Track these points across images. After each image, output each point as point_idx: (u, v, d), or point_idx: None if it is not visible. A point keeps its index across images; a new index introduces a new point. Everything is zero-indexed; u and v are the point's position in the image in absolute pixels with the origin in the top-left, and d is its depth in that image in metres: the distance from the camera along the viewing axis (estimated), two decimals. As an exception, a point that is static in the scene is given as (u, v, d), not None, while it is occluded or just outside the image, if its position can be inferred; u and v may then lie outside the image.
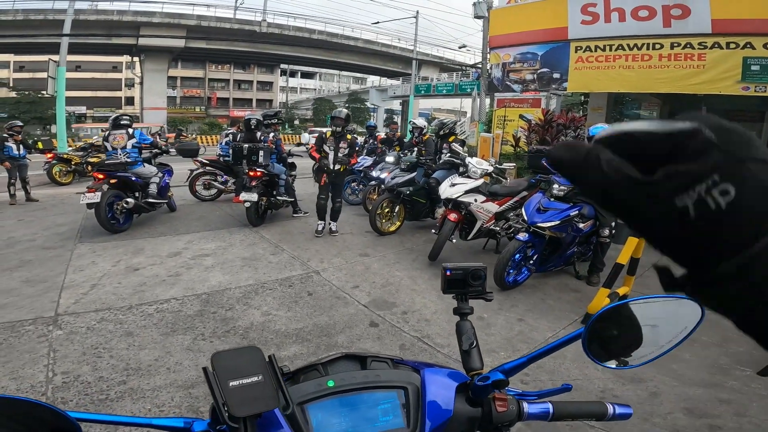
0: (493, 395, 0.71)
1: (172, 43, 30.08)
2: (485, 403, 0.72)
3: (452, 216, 4.38)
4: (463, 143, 6.04)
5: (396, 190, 5.47)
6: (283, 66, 49.03)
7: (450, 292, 0.86)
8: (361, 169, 7.41)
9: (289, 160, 7.16)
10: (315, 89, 57.89)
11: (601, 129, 3.11)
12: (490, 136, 9.09)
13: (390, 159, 6.62)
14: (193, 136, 28.54)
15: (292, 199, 6.51)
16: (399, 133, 8.94)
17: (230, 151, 6.36)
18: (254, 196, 5.65)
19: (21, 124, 8.16)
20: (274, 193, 6.24)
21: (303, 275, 4.19)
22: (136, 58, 34.21)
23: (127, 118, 6.09)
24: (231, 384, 0.59)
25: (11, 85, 37.48)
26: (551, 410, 0.74)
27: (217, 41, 31.60)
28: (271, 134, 6.60)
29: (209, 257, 4.61)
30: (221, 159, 7.64)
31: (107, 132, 6.13)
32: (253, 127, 6.36)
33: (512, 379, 0.74)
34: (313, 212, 5.92)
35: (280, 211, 6.64)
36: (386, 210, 5.60)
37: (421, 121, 7.57)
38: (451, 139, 5.88)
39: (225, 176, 7.63)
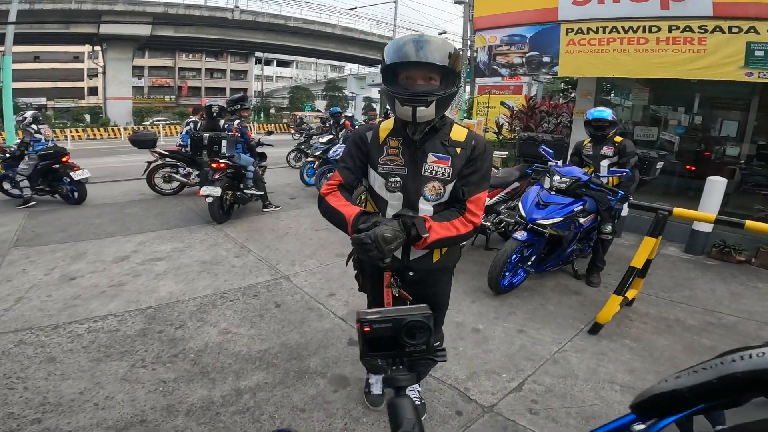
0: None
1: (137, 31, 28.54)
2: None
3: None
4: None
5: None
6: (258, 54, 47.53)
7: (374, 355, 0.60)
8: (337, 158, 6.88)
9: (259, 150, 6.55)
10: (291, 77, 56.56)
11: (599, 112, 2.75)
12: (473, 122, 8.67)
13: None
14: (150, 125, 27.25)
15: (262, 193, 5.93)
16: (377, 120, 8.43)
17: (189, 141, 5.73)
18: (217, 191, 5.06)
19: None
20: (241, 186, 5.66)
21: (271, 282, 3.66)
22: (98, 48, 32.29)
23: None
24: None
25: None
26: None
27: (186, 28, 30.13)
28: (236, 121, 5.98)
29: (162, 261, 4.02)
30: (182, 149, 6.96)
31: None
32: (214, 114, 5.73)
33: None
34: (287, 208, 5.37)
35: (248, 205, 6.05)
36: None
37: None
38: None
39: (187, 168, 6.97)
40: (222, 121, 5.86)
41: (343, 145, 6.86)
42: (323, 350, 2.68)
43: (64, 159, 6.52)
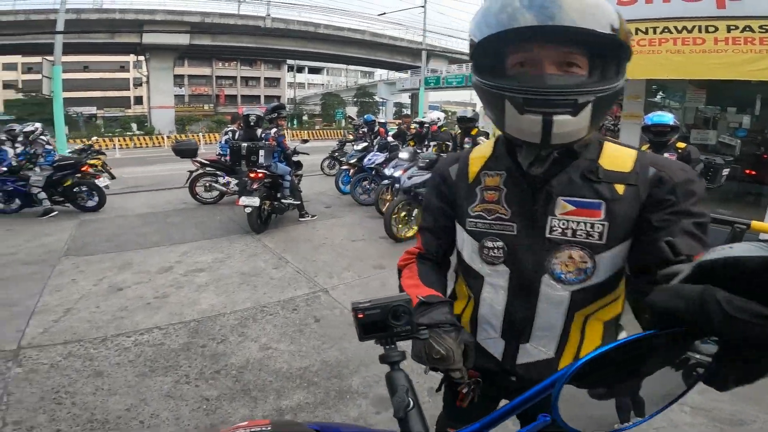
0: None
1: (177, 40, 29.76)
2: None
3: None
4: (487, 135, 5.43)
5: (413, 192, 4.88)
6: (289, 61, 48.68)
7: (369, 338, 0.71)
8: (372, 166, 6.84)
9: (295, 159, 6.60)
10: (322, 84, 57.56)
11: (660, 116, 2.07)
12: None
13: (404, 155, 6.02)
14: (192, 135, 28.31)
15: (299, 202, 5.96)
16: (413, 127, 8.35)
17: (228, 151, 5.84)
18: (256, 201, 5.11)
19: (19, 129, 7.74)
20: (278, 195, 5.70)
21: (309, 295, 3.63)
22: (141, 57, 33.98)
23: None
24: None
25: (20, 86, 37.65)
26: None
27: (222, 37, 31.23)
28: (273, 130, 6.04)
29: (204, 273, 4.07)
30: (221, 158, 7.12)
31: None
32: (252, 123, 5.81)
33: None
34: (323, 216, 5.36)
35: (285, 214, 6.09)
36: (403, 214, 5.01)
37: (436, 114, 7.02)
38: (473, 132, 5.27)
39: (226, 177, 7.12)
40: (259, 130, 5.93)
41: (379, 153, 6.82)
42: (364, 369, 2.59)
43: (83, 168, 6.85)
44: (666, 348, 0.48)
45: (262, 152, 5.34)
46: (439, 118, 6.89)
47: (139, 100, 43.07)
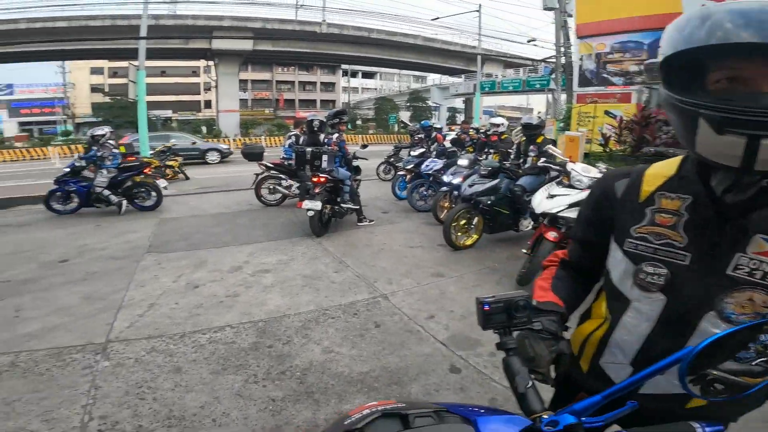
0: None
1: (241, 45, 31.64)
2: None
3: (551, 235, 3.63)
4: (554, 143, 5.18)
5: (474, 200, 4.79)
6: (344, 66, 49.84)
7: (491, 327, 0.81)
8: (429, 172, 6.80)
9: (354, 163, 6.74)
10: (376, 89, 58.36)
11: None
12: (578, 135, 8.02)
13: (463, 162, 5.93)
14: (256, 138, 29.75)
15: (357, 207, 6.07)
16: (472, 133, 8.20)
17: (293, 155, 6.06)
18: (318, 205, 5.27)
19: (103, 132, 8.54)
20: (339, 200, 5.84)
21: (369, 300, 3.68)
22: (211, 62, 36.32)
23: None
24: None
25: (106, 90, 41.55)
26: None
27: (281, 42, 32.76)
28: (335, 135, 6.20)
29: (269, 274, 4.26)
30: (285, 162, 7.43)
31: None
32: (315, 128, 6.00)
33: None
34: (381, 222, 5.41)
35: (343, 219, 6.23)
36: (462, 222, 4.94)
37: (498, 120, 6.84)
38: (539, 140, 5.06)
39: (289, 180, 7.41)
40: (322, 135, 6.11)
41: (437, 160, 6.77)
42: (424, 376, 2.59)
43: (146, 171, 7.40)
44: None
45: (325, 157, 5.50)
46: (502, 124, 6.70)
47: (208, 104, 46.10)
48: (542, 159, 4.56)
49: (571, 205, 3.58)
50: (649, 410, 0.84)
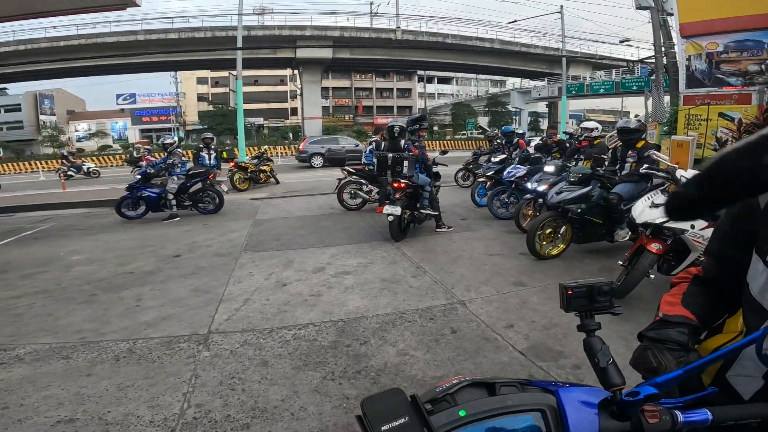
0: (642, 408, 0.67)
1: (322, 54, 33.54)
2: (633, 416, 0.68)
3: (654, 247, 3.31)
4: (659, 148, 4.70)
5: (563, 208, 4.52)
6: (420, 72, 50.05)
7: (573, 310, 0.84)
8: (512, 179, 6.56)
9: (434, 169, 6.74)
10: (452, 94, 57.81)
11: None
12: (687, 139, 7.21)
13: (550, 169, 5.63)
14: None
15: (436, 213, 6.06)
16: (557, 138, 7.76)
17: (374, 161, 6.24)
18: (398, 210, 5.37)
19: (211, 136, 9.57)
20: (418, 205, 5.88)
21: (446, 306, 3.66)
22: (296, 71, 38.75)
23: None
24: (383, 428, 0.61)
25: (210, 99, 46.16)
26: (710, 416, 0.68)
27: (358, 50, 34.08)
28: (416, 141, 6.26)
29: (350, 275, 4.44)
30: (366, 168, 7.68)
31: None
32: (396, 134, 6.11)
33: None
34: (459, 229, 5.34)
35: (422, 225, 6.26)
36: (548, 231, 4.69)
37: (591, 124, 6.41)
38: (639, 145, 4.61)
39: (369, 185, 7.64)
40: (402, 141, 6.20)
41: (519, 166, 6.52)
42: (498, 386, 2.51)
43: (211, 177, 8.01)
44: None
45: (406, 163, 5.58)
46: (596, 128, 6.26)
47: (294, 112, 49.31)
48: (644, 165, 4.16)
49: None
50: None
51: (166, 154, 7.98)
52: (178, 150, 8.10)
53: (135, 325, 3.46)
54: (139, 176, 7.90)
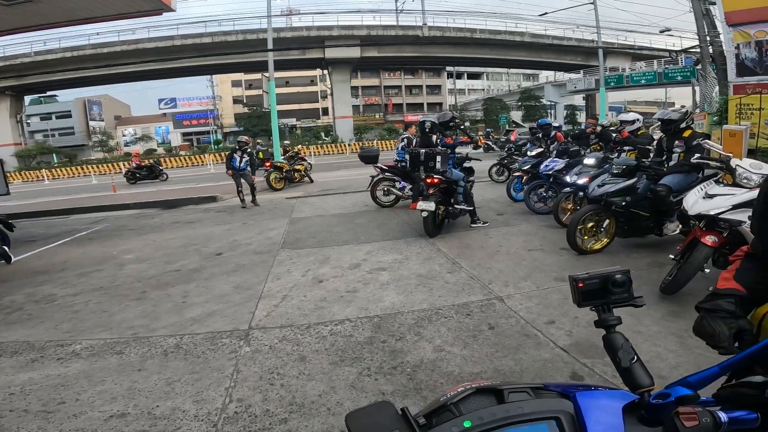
0: (675, 410, 0.61)
1: (350, 53, 33.87)
2: (666, 420, 0.61)
3: (709, 239, 3.13)
4: (708, 137, 4.41)
5: (606, 201, 4.34)
6: (449, 68, 49.34)
7: (587, 304, 0.79)
8: (549, 173, 6.36)
9: (467, 165, 6.64)
10: (483, 89, 56.69)
11: None
12: (740, 129, 6.78)
13: (590, 161, 5.42)
14: (368, 142, 31.23)
15: (471, 208, 5.97)
16: (598, 129, 7.45)
17: (406, 157, 6.22)
18: (431, 205, 5.33)
19: (246, 140, 9.84)
20: (452, 201, 5.82)
21: (483, 302, 3.60)
22: (325, 71, 39.21)
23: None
24: None
25: (245, 101, 47.45)
26: (757, 415, 0.62)
27: (386, 48, 34.16)
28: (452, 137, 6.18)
29: (385, 272, 4.45)
30: (398, 164, 7.67)
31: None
32: (427, 130, 6.06)
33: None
34: (495, 225, 5.24)
35: (457, 220, 6.18)
36: (590, 224, 4.51)
37: (631, 116, 6.15)
38: (686, 134, 4.35)
39: (402, 182, 7.63)
40: (434, 137, 6.15)
41: (557, 159, 6.32)
42: (540, 381, 2.43)
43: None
44: None
45: (438, 158, 5.53)
46: (637, 120, 5.99)
47: (325, 111, 49.99)
48: (695, 155, 3.92)
49: (736, 206, 3.03)
50: None
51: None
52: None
53: (182, 320, 3.62)
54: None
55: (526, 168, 7.07)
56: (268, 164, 12.15)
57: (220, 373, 2.74)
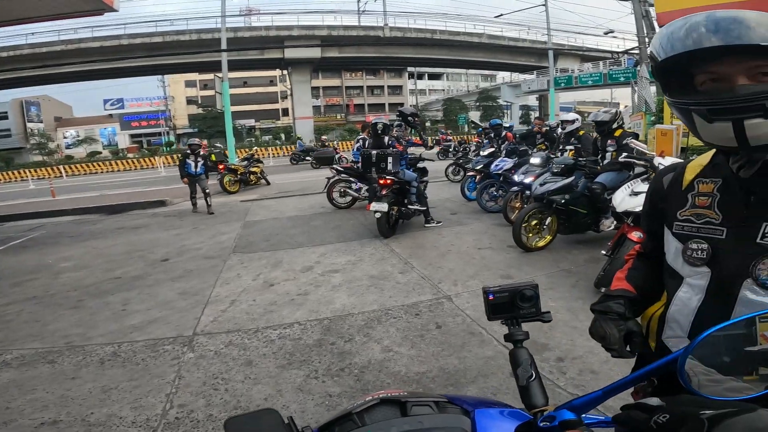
0: None
1: (310, 53, 33.45)
2: None
3: (635, 235, 3.34)
4: (636, 137, 4.73)
5: (547, 199, 4.55)
6: (410, 69, 50.02)
7: (497, 318, 0.80)
8: (499, 172, 6.58)
9: (420, 165, 6.75)
10: (443, 90, 57.79)
11: None
12: (671, 128, 7.27)
13: (536, 161, 5.65)
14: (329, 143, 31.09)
15: (424, 208, 6.07)
16: (544, 129, 7.79)
17: (360, 158, 6.25)
18: (384, 206, 5.37)
19: (198, 142, 9.47)
20: (405, 201, 5.89)
21: (432, 301, 3.67)
22: (285, 72, 38.61)
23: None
24: None
25: (199, 102, 45.77)
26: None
27: (347, 48, 34.09)
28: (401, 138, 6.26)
29: (338, 273, 4.45)
30: (354, 166, 7.67)
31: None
32: (380, 131, 6.11)
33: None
34: (449, 224, 5.36)
35: (411, 220, 6.26)
36: (534, 222, 4.71)
37: (571, 116, 6.46)
38: (617, 133, 4.65)
39: (358, 183, 7.64)
40: (386, 138, 6.20)
41: (507, 159, 6.54)
42: (482, 379, 2.51)
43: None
44: None
45: (390, 159, 5.59)
46: (576, 119, 6.30)
47: (285, 112, 49.08)
48: (623, 154, 4.19)
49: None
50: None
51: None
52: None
53: (121, 328, 3.47)
54: None
55: (478, 168, 7.27)
56: (221, 167, 11.80)
57: (161, 379, 2.66)
